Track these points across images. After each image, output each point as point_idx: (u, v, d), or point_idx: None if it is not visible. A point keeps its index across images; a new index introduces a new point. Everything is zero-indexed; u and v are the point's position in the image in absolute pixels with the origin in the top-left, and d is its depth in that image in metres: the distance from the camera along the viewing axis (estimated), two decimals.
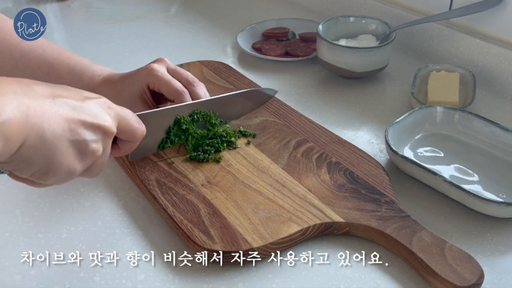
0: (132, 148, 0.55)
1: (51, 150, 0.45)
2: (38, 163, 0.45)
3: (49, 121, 0.44)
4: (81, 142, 0.47)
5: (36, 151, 0.44)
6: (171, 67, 0.70)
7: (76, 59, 0.74)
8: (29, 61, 0.72)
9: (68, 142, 0.46)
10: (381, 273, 0.55)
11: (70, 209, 0.63)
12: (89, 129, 0.47)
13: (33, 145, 0.43)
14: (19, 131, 0.42)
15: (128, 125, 0.53)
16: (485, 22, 0.87)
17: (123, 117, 0.52)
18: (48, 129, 0.44)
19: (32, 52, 0.72)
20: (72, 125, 0.46)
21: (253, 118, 0.76)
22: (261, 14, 1.15)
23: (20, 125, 0.42)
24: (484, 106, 0.81)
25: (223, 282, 0.54)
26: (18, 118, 0.41)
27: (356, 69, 0.85)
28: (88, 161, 0.49)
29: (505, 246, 0.58)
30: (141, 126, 0.55)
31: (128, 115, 0.53)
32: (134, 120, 0.54)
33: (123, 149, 0.55)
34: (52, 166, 0.46)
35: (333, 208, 0.59)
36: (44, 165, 0.45)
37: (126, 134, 0.53)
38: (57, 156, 0.45)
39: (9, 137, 0.41)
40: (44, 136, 0.44)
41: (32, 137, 0.43)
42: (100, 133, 0.49)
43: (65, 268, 0.56)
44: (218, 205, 0.60)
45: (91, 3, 1.26)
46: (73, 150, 0.46)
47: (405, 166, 0.65)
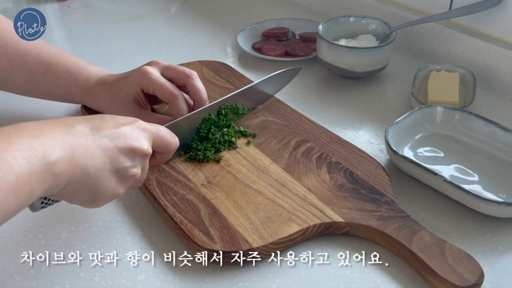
0: (168, 157, 0.60)
1: (95, 183, 0.50)
2: (85, 194, 0.50)
3: (92, 157, 0.49)
4: (121, 169, 0.52)
5: (82, 185, 0.49)
6: (164, 65, 0.71)
7: (72, 59, 0.74)
8: (25, 61, 0.72)
9: (109, 172, 0.51)
10: (381, 273, 0.55)
11: (70, 209, 0.63)
12: (127, 155, 0.52)
13: (79, 180, 0.48)
14: (66, 170, 0.46)
15: (163, 141, 0.57)
16: (485, 22, 0.87)
17: (157, 135, 0.56)
18: (91, 164, 0.49)
19: (28, 52, 0.72)
20: (112, 156, 0.50)
21: (253, 118, 0.76)
22: (261, 14, 1.15)
23: (68, 164, 0.46)
24: (484, 106, 0.81)
25: (223, 282, 0.54)
26: (66, 158, 0.46)
27: (356, 69, 0.85)
28: (130, 183, 0.54)
29: (505, 246, 0.58)
30: (174, 139, 0.59)
31: (162, 132, 0.57)
32: (168, 135, 0.58)
33: (159, 159, 0.60)
34: (98, 195, 0.51)
35: (333, 208, 0.59)
36: (91, 195, 0.51)
37: (162, 149, 0.58)
38: (101, 186, 0.50)
39: (58, 175, 0.45)
40: (88, 172, 0.48)
41: (78, 173, 0.48)
42: (138, 156, 0.53)
43: (65, 268, 0.56)
44: (218, 205, 0.60)
45: (91, 3, 1.26)
46: (115, 178, 0.51)
47: (405, 166, 0.65)
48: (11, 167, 0.42)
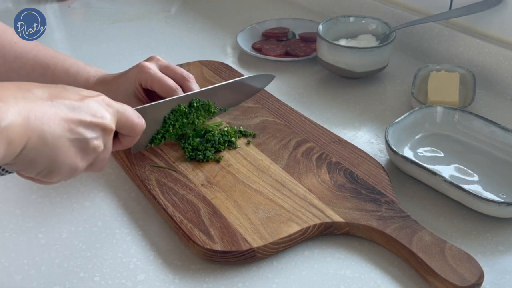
0: (133, 141, 0.57)
1: (52, 151, 0.46)
2: (41, 164, 0.46)
3: (49, 123, 0.45)
4: (82, 140, 0.48)
5: (38, 153, 0.45)
6: (163, 64, 0.70)
7: (70, 61, 0.74)
8: (23, 63, 0.72)
9: (68, 141, 0.47)
10: (381, 273, 0.55)
11: (70, 209, 0.63)
12: (88, 127, 0.49)
13: (35, 147, 0.45)
14: (21, 135, 0.43)
15: (128, 121, 0.54)
16: (485, 22, 0.87)
17: (123, 113, 0.53)
18: (48, 130, 0.45)
19: (26, 54, 0.72)
20: (72, 125, 0.47)
21: (253, 118, 0.76)
22: (261, 14, 1.15)
23: (22, 129, 0.43)
24: (484, 106, 0.81)
25: (223, 282, 0.54)
26: (20, 122, 0.43)
27: (356, 69, 0.85)
28: (90, 157, 0.50)
29: (505, 246, 0.58)
30: (141, 120, 0.56)
31: (127, 111, 0.54)
32: (134, 115, 0.55)
33: (124, 143, 0.57)
34: (55, 166, 0.47)
35: (333, 208, 0.59)
36: (48, 165, 0.47)
37: (126, 129, 0.55)
38: (59, 155, 0.47)
39: (11, 140, 0.42)
40: (45, 138, 0.45)
41: (34, 139, 0.44)
42: (100, 130, 0.50)
43: (65, 268, 0.56)
44: (218, 205, 0.60)
45: (91, 3, 1.27)
46: (74, 148, 0.48)
47: (405, 166, 0.65)
48: None
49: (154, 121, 0.66)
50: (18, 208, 0.64)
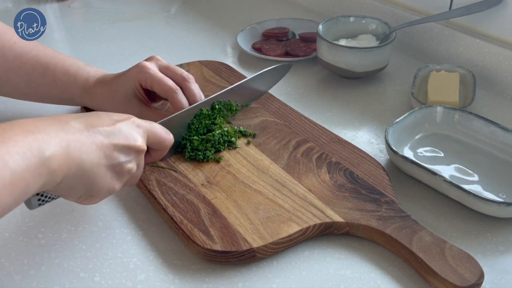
0: (163, 154, 0.61)
1: (91, 178, 0.50)
2: (81, 190, 0.50)
3: (87, 153, 0.49)
4: (117, 165, 0.52)
5: (78, 180, 0.49)
6: (163, 64, 0.71)
7: (70, 61, 0.74)
8: (23, 63, 0.72)
9: (105, 168, 0.51)
10: (381, 273, 0.55)
11: (70, 209, 0.63)
12: (122, 151, 0.52)
13: (75, 175, 0.48)
14: (62, 165, 0.46)
15: (157, 137, 0.58)
16: (485, 22, 0.87)
17: (152, 132, 0.57)
18: (87, 159, 0.49)
19: (26, 54, 0.72)
20: (107, 152, 0.51)
21: (253, 118, 0.76)
22: (261, 14, 1.15)
23: (63, 159, 0.46)
24: (484, 106, 0.81)
25: (223, 282, 0.54)
26: (61, 153, 0.46)
27: (356, 69, 0.85)
28: (125, 178, 0.54)
29: (505, 246, 0.58)
30: (169, 135, 0.60)
31: (156, 128, 0.58)
32: (162, 132, 0.59)
33: (154, 156, 0.60)
34: (94, 190, 0.51)
35: (333, 208, 0.59)
36: (87, 190, 0.51)
37: (156, 145, 0.59)
38: (97, 181, 0.51)
39: (54, 170, 0.46)
40: (84, 167, 0.49)
41: (73, 169, 0.48)
42: (133, 152, 0.53)
43: (65, 268, 0.56)
44: (218, 205, 0.60)
45: (91, 3, 1.27)
46: (110, 173, 0.52)
47: (405, 166, 0.65)
48: (6, 162, 0.42)
49: (179, 129, 0.68)
50: (18, 208, 0.63)
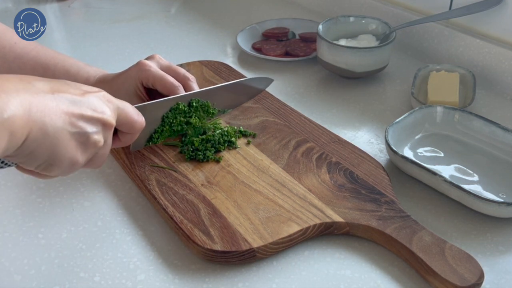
0: (132, 139, 0.57)
1: (53, 143, 0.46)
2: (42, 156, 0.47)
3: (50, 116, 0.46)
4: (82, 134, 0.49)
5: (39, 145, 0.46)
6: (164, 63, 0.70)
7: (70, 61, 0.74)
8: (23, 63, 0.72)
9: (69, 134, 0.48)
10: (381, 273, 0.55)
11: (70, 209, 0.63)
12: (89, 121, 0.49)
13: (36, 139, 0.45)
14: (22, 126, 0.43)
15: (128, 117, 0.55)
16: (485, 22, 0.87)
17: (123, 110, 0.54)
18: (50, 123, 0.46)
19: (26, 54, 0.72)
20: (73, 119, 0.48)
21: (253, 118, 0.76)
22: (261, 14, 1.15)
23: (23, 121, 0.43)
24: (484, 106, 0.81)
25: (223, 282, 0.54)
26: (21, 113, 0.43)
27: (356, 69, 0.85)
28: (90, 152, 0.51)
29: (505, 246, 0.58)
30: (140, 118, 0.56)
31: (127, 108, 0.55)
32: (133, 112, 0.56)
33: (123, 140, 0.57)
34: (55, 158, 0.48)
35: (333, 208, 0.59)
36: (48, 158, 0.47)
37: (126, 126, 0.55)
38: (59, 148, 0.47)
39: (13, 132, 0.43)
40: (46, 130, 0.45)
41: (35, 131, 0.45)
42: (100, 125, 0.50)
43: (65, 268, 0.56)
44: (218, 205, 0.60)
45: (91, 3, 1.27)
46: (74, 142, 0.48)
47: (405, 166, 0.65)
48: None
49: (153, 120, 0.66)
50: (18, 208, 0.64)
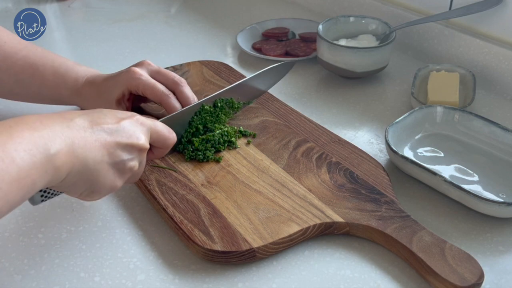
0: (165, 152, 0.61)
1: (94, 175, 0.51)
2: (83, 186, 0.51)
3: (91, 150, 0.50)
4: (119, 162, 0.52)
5: (81, 177, 0.50)
6: (154, 69, 0.70)
7: (59, 60, 0.73)
8: (12, 63, 0.72)
9: (108, 165, 0.51)
10: (381, 273, 0.55)
11: (70, 209, 0.63)
12: (125, 149, 0.53)
13: (78, 172, 0.49)
14: (66, 162, 0.47)
15: (160, 136, 0.58)
16: (485, 22, 0.87)
17: (155, 130, 0.58)
18: (90, 157, 0.49)
19: (15, 54, 0.72)
20: (110, 149, 0.51)
21: (253, 118, 0.76)
22: (261, 14, 1.15)
23: (67, 157, 0.47)
24: (484, 106, 0.81)
25: (223, 282, 0.54)
26: (66, 150, 0.47)
27: (356, 69, 0.85)
28: (127, 176, 0.55)
29: (505, 246, 0.58)
30: (172, 134, 0.60)
31: (159, 127, 0.58)
32: (165, 130, 0.59)
33: (156, 154, 0.61)
34: (96, 187, 0.52)
35: (333, 208, 0.59)
36: (89, 187, 0.51)
37: (159, 143, 0.59)
38: (99, 178, 0.51)
39: (58, 166, 0.46)
40: (87, 164, 0.49)
41: (77, 165, 0.48)
42: (136, 151, 0.54)
43: (65, 268, 0.56)
44: (218, 205, 0.60)
45: (91, 3, 1.27)
46: (113, 170, 0.52)
47: (405, 166, 0.65)
48: (13, 159, 0.42)
49: (181, 126, 0.69)
50: (18, 208, 0.63)
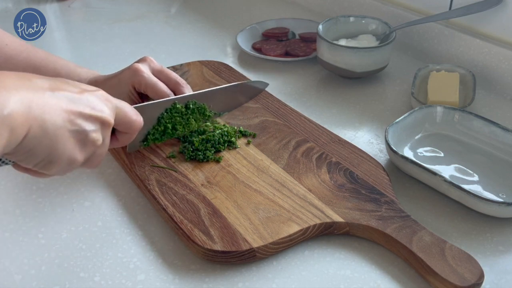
0: (130, 139, 0.58)
1: (52, 140, 0.46)
2: (40, 153, 0.47)
3: (50, 113, 0.46)
4: (81, 132, 0.49)
5: (38, 142, 0.45)
6: (156, 67, 0.70)
7: (61, 62, 0.73)
8: (14, 65, 0.72)
9: (68, 132, 0.48)
10: (381, 273, 0.55)
11: (70, 209, 0.63)
12: (88, 120, 0.49)
13: (36, 136, 0.45)
14: (22, 123, 0.43)
15: (126, 117, 0.55)
16: (485, 22, 0.87)
17: (121, 109, 0.54)
18: (49, 120, 0.46)
19: (17, 56, 0.72)
20: (72, 116, 0.48)
21: (253, 118, 0.76)
22: (261, 14, 1.15)
23: (23, 117, 0.43)
24: (484, 106, 0.81)
25: (223, 282, 0.54)
26: (21, 110, 0.43)
27: (356, 69, 0.85)
28: (88, 150, 0.51)
29: (505, 246, 0.58)
30: (139, 117, 0.57)
31: (126, 107, 0.55)
32: (132, 112, 0.56)
33: (121, 140, 0.57)
34: (54, 156, 0.48)
35: (333, 208, 0.59)
36: (47, 155, 0.47)
37: (124, 125, 0.55)
38: (58, 146, 0.47)
39: (13, 128, 0.42)
40: (46, 127, 0.45)
41: (35, 128, 0.44)
42: (99, 123, 0.51)
43: (65, 268, 0.56)
44: (218, 205, 0.60)
45: (91, 3, 1.27)
46: (73, 140, 0.48)
47: (405, 166, 0.65)
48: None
49: (150, 121, 0.67)
50: (18, 208, 0.64)
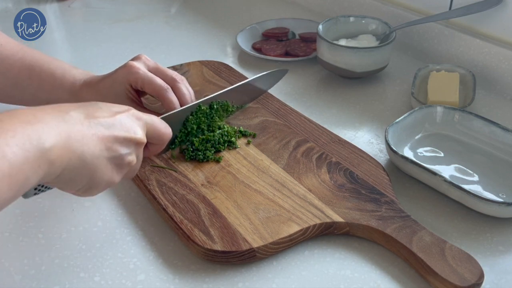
0: (161, 148, 0.60)
1: (91, 170, 0.49)
2: (80, 182, 0.50)
3: (88, 144, 0.48)
4: (117, 157, 0.51)
5: (78, 173, 0.48)
6: (151, 64, 0.71)
7: (56, 63, 0.73)
8: (10, 65, 0.71)
9: (106, 159, 0.50)
10: (381, 273, 0.55)
11: (70, 209, 0.63)
12: (123, 143, 0.52)
13: (75, 167, 0.47)
14: (61, 156, 0.45)
15: (156, 131, 0.58)
16: (485, 22, 0.87)
17: (151, 125, 0.57)
18: (87, 151, 0.48)
19: (12, 56, 0.71)
20: (108, 144, 0.50)
21: (253, 118, 0.76)
22: (261, 14, 1.15)
23: (63, 151, 0.45)
24: (484, 106, 0.81)
25: (223, 282, 0.54)
26: (61, 144, 0.45)
27: (356, 69, 0.85)
28: (125, 171, 0.54)
29: (505, 246, 0.58)
30: (168, 130, 0.59)
31: (156, 122, 0.58)
32: (162, 125, 0.58)
33: (152, 150, 0.60)
34: (94, 182, 0.50)
35: (333, 208, 0.59)
36: (87, 183, 0.50)
37: (155, 139, 0.58)
38: (97, 173, 0.50)
39: (52, 161, 0.44)
40: (84, 158, 0.48)
41: (74, 160, 0.47)
42: (133, 145, 0.53)
43: (65, 268, 0.56)
44: (218, 205, 0.60)
45: (91, 3, 1.27)
46: (111, 165, 0.51)
47: (405, 166, 0.65)
48: (5, 154, 0.40)
49: (177, 125, 0.68)
50: (18, 208, 0.64)
